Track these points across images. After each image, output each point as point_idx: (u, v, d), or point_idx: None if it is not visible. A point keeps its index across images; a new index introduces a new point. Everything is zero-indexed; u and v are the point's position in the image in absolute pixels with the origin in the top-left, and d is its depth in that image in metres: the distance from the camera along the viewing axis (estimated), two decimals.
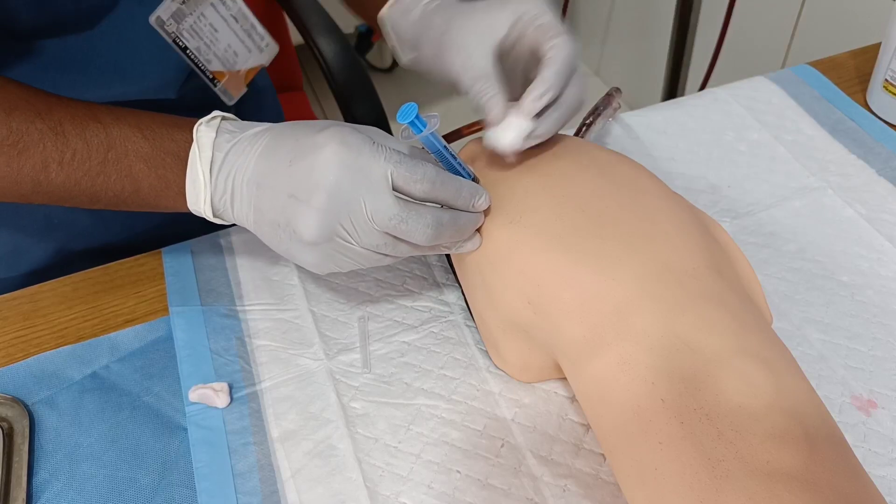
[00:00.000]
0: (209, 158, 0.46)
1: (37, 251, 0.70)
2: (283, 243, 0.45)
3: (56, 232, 0.69)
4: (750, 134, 0.70)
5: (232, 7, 0.61)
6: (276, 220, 0.44)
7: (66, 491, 0.47)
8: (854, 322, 0.54)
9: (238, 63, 0.64)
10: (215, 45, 0.61)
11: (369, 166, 0.42)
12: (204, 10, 0.59)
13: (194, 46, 0.60)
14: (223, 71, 0.63)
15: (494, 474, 0.46)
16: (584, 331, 0.43)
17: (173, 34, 0.58)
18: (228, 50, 0.62)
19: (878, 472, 0.46)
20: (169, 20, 0.57)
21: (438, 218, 0.44)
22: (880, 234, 0.60)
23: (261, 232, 0.47)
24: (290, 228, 0.44)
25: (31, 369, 0.53)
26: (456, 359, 0.53)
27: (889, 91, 0.69)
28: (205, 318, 0.56)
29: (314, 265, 0.46)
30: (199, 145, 0.46)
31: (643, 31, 1.83)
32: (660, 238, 0.45)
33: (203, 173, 0.46)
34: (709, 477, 0.35)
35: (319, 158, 0.42)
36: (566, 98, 0.48)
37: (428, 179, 0.43)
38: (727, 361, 0.39)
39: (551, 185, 0.48)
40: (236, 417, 0.50)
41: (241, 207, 0.46)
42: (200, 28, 0.59)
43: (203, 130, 0.46)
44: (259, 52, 0.65)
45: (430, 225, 0.43)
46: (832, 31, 1.29)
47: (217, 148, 0.46)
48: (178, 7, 0.57)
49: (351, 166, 0.42)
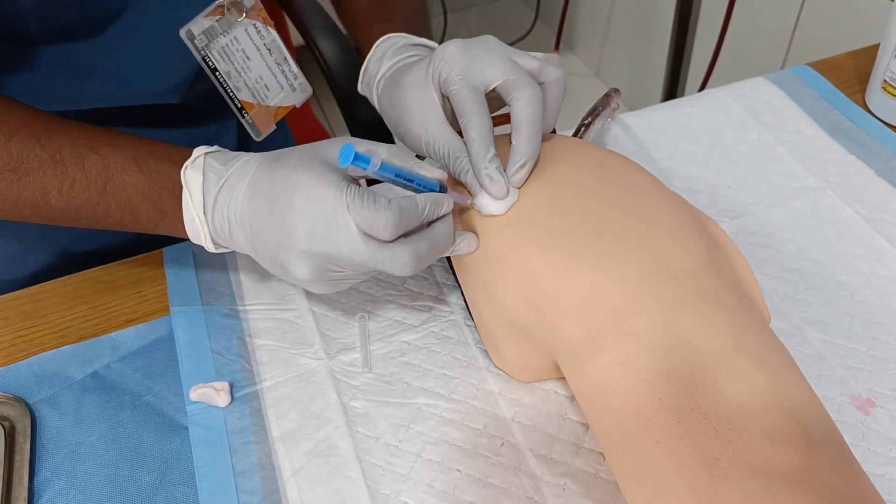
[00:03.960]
0: (201, 202, 0.48)
1: (41, 253, 0.70)
2: (286, 277, 0.48)
3: (60, 234, 0.69)
4: (749, 134, 0.70)
5: (266, 37, 0.59)
6: (272, 260, 0.47)
7: (67, 490, 0.47)
8: (853, 322, 0.54)
9: (269, 97, 0.62)
10: (246, 73, 0.59)
11: (335, 216, 0.43)
12: (237, 34, 0.58)
13: (224, 70, 0.58)
14: (252, 103, 0.61)
15: (494, 473, 0.46)
16: (583, 331, 0.43)
17: (202, 51, 0.57)
18: (259, 81, 0.61)
19: (876, 471, 0.46)
20: (200, 36, 0.56)
21: (416, 251, 0.45)
22: (879, 234, 0.60)
23: (262, 264, 0.49)
24: (286, 271, 0.46)
25: (32, 369, 0.54)
26: (456, 358, 0.53)
27: (888, 92, 0.70)
28: (206, 317, 0.56)
29: (320, 291, 0.49)
30: (189, 190, 0.48)
31: (643, 31, 1.83)
32: (658, 238, 0.45)
33: (198, 216, 0.48)
34: (707, 476, 0.36)
35: (292, 207, 0.44)
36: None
37: (391, 224, 0.43)
38: (725, 361, 0.39)
39: (550, 186, 0.48)
40: (237, 417, 0.50)
41: (240, 242, 0.48)
42: (232, 52, 0.58)
43: (190, 174, 0.48)
44: (292, 91, 0.63)
45: (408, 262, 0.45)
46: (831, 32, 1.29)
47: (206, 191, 0.48)
48: (212, 24, 0.56)
49: (319, 216, 0.44)
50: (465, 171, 0.48)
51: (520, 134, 0.47)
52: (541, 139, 0.48)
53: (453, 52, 0.49)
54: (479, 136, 0.47)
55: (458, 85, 0.48)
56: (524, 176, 0.48)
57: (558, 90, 0.50)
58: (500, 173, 0.47)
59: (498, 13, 2.37)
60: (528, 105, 0.47)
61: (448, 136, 0.49)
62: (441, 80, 0.49)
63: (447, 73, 0.48)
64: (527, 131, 0.47)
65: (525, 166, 0.47)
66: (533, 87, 0.48)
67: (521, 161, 0.47)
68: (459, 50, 0.49)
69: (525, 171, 0.48)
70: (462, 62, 0.48)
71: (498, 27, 2.30)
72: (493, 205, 0.47)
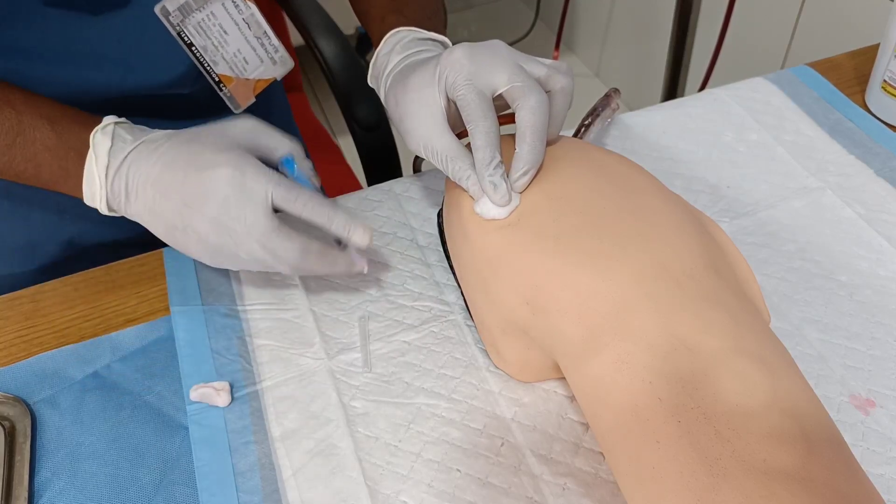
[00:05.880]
0: (105, 165, 0.50)
1: (49, 245, 0.71)
2: (179, 242, 0.51)
3: (68, 226, 0.70)
4: (749, 134, 0.70)
5: (244, 11, 0.60)
6: (174, 222, 0.50)
7: (67, 489, 0.47)
8: (853, 322, 0.54)
9: (248, 71, 0.63)
10: (224, 47, 0.60)
11: (252, 185, 0.48)
12: (214, 9, 0.58)
13: (200, 44, 0.59)
14: (231, 76, 0.62)
15: (494, 473, 0.46)
16: (582, 331, 0.43)
17: (178, 27, 0.57)
18: (238, 55, 0.61)
19: (876, 470, 0.46)
20: (175, 12, 0.56)
21: (306, 245, 0.50)
22: (879, 234, 0.60)
23: (154, 229, 0.51)
24: (189, 230, 0.49)
25: (32, 368, 0.54)
26: (456, 358, 0.53)
27: (888, 92, 0.70)
28: (206, 317, 0.56)
29: (207, 261, 0.52)
30: (96, 153, 0.50)
31: (643, 31, 1.83)
32: (658, 238, 0.45)
33: (99, 177, 0.50)
34: (706, 475, 0.36)
35: (212, 176, 0.48)
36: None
37: (301, 201, 0.49)
38: (725, 361, 0.39)
39: (549, 187, 0.48)
40: (237, 416, 0.50)
41: (136, 208, 0.51)
42: (209, 27, 0.58)
43: (98, 138, 0.51)
44: (272, 64, 0.64)
45: (296, 249, 0.49)
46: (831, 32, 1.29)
47: (112, 156, 0.50)
48: (186, 0, 0.57)
49: (237, 185, 0.48)
50: (464, 177, 0.49)
51: (524, 142, 0.48)
52: (545, 147, 0.49)
53: (460, 57, 0.49)
54: (484, 143, 0.47)
55: (465, 90, 0.48)
56: (526, 183, 0.48)
57: (564, 99, 0.51)
58: (503, 180, 0.47)
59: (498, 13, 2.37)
60: (533, 113, 0.47)
61: (447, 142, 0.50)
62: (448, 84, 0.49)
63: (454, 77, 0.49)
64: (530, 139, 0.47)
65: (528, 174, 0.48)
66: (539, 94, 0.48)
67: (523, 168, 0.48)
68: (466, 54, 0.49)
69: (527, 178, 0.48)
70: (469, 67, 0.48)
71: (498, 27, 2.30)
72: (495, 210, 0.48)
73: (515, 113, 0.49)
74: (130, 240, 0.70)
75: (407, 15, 0.59)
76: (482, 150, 0.47)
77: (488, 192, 0.47)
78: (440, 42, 0.58)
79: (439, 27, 0.60)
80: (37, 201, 0.68)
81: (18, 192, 0.68)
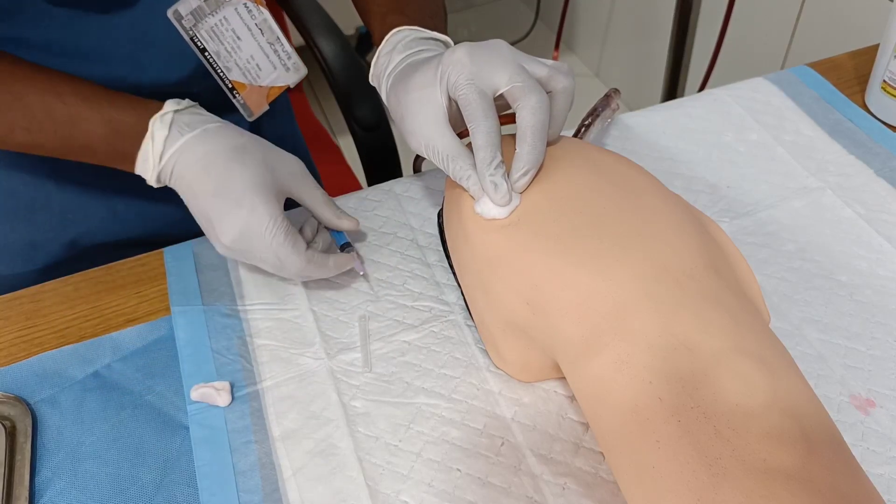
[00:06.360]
0: (160, 151, 0.53)
1: (52, 245, 0.71)
2: (207, 233, 0.54)
3: (71, 226, 0.70)
4: (749, 135, 0.70)
5: (257, 16, 0.59)
6: (200, 219, 0.54)
7: (68, 489, 0.47)
8: (853, 322, 0.54)
9: (261, 77, 0.62)
10: (237, 52, 0.59)
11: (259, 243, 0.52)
12: (227, 14, 0.58)
13: (213, 50, 0.58)
14: (244, 83, 0.61)
15: (494, 473, 0.47)
16: (582, 331, 0.43)
17: (190, 31, 0.57)
18: (251, 61, 0.61)
19: (876, 470, 0.46)
20: (188, 16, 0.56)
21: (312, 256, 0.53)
22: (879, 234, 0.60)
23: (192, 204, 0.54)
24: (210, 231, 0.53)
25: (33, 368, 0.54)
26: (456, 358, 0.53)
27: (887, 92, 0.70)
28: (206, 317, 0.56)
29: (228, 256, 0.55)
30: (154, 139, 0.53)
31: (643, 31, 1.83)
32: (658, 238, 0.45)
33: (153, 159, 0.54)
34: (706, 475, 0.36)
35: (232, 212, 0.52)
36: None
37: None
38: (725, 361, 0.39)
39: (549, 187, 0.49)
40: (237, 416, 0.50)
41: (179, 187, 0.54)
42: (222, 32, 0.58)
43: (158, 126, 0.53)
44: (286, 71, 0.63)
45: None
46: (831, 33, 1.29)
47: (168, 144, 0.54)
48: (199, 4, 0.56)
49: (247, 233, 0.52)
50: (465, 177, 0.49)
51: (524, 142, 0.48)
52: (545, 147, 0.49)
53: (462, 57, 0.49)
54: (485, 143, 0.47)
55: (467, 89, 0.48)
56: (526, 183, 0.48)
57: (565, 100, 0.51)
58: (504, 180, 0.47)
59: (498, 13, 2.38)
60: (534, 113, 0.48)
61: (448, 142, 0.50)
62: (450, 83, 0.49)
63: (456, 76, 0.49)
64: (531, 139, 0.48)
65: (528, 174, 0.48)
66: (539, 94, 0.48)
67: (524, 168, 0.48)
68: (468, 54, 0.49)
69: (528, 178, 0.48)
70: (471, 66, 0.48)
71: (498, 27, 2.30)
72: (496, 210, 0.48)
73: (516, 113, 0.49)
74: (132, 240, 0.71)
75: (408, 14, 0.59)
76: (483, 149, 0.47)
77: (489, 192, 0.48)
78: (442, 41, 0.58)
79: (441, 26, 0.60)
80: (41, 202, 0.68)
81: (22, 193, 0.68)
